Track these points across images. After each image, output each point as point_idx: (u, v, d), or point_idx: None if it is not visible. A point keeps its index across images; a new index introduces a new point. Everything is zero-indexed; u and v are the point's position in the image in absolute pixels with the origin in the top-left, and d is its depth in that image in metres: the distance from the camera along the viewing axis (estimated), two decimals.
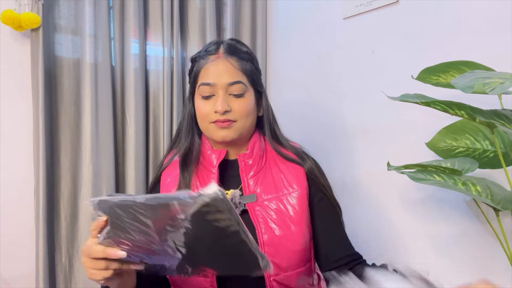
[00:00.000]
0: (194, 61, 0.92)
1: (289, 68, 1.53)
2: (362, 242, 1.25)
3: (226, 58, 0.87)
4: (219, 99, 0.85)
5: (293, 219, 0.86)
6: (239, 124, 0.87)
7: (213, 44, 0.91)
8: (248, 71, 0.89)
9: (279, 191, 0.88)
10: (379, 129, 1.20)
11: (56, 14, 1.25)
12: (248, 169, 0.90)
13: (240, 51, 0.89)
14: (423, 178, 0.78)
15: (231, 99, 0.86)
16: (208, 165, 0.90)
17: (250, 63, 0.90)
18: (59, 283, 1.25)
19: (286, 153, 0.94)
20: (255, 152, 0.91)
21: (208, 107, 0.86)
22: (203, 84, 0.86)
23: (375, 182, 1.22)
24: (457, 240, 1.02)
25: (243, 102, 0.87)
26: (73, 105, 1.28)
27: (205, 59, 0.88)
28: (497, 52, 0.92)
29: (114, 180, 1.31)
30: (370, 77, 1.23)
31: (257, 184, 0.89)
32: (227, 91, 0.86)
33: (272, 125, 0.95)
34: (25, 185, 1.23)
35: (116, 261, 0.63)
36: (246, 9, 1.60)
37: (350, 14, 1.28)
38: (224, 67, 0.86)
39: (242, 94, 0.87)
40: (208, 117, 0.87)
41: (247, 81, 0.88)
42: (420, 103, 0.70)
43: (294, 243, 0.84)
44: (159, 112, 1.42)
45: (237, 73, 0.87)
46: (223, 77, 0.85)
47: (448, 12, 1.03)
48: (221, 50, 0.88)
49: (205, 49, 0.91)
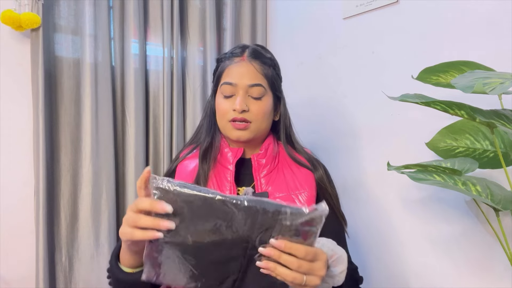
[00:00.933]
0: (219, 61, 0.97)
1: (289, 68, 1.53)
2: (362, 242, 1.25)
3: (250, 61, 0.92)
4: (238, 98, 0.89)
5: None
6: (255, 126, 0.91)
7: (240, 47, 0.96)
8: (269, 76, 0.93)
9: (290, 190, 0.92)
10: (379, 129, 1.20)
11: (56, 14, 1.25)
12: (261, 168, 0.94)
13: (264, 56, 0.94)
14: (423, 178, 0.78)
15: (249, 100, 0.91)
16: (225, 162, 0.94)
17: (272, 69, 0.94)
18: (59, 283, 1.25)
19: (299, 158, 0.97)
20: (269, 153, 0.95)
21: (228, 105, 0.91)
22: (225, 83, 0.91)
23: (375, 182, 1.22)
24: (457, 240, 1.02)
25: (261, 105, 0.91)
26: (73, 105, 1.28)
27: (230, 60, 0.93)
28: (497, 52, 0.92)
29: (114, 180, 1.31)
30: (370, 77, 1.23)
31: (269, 183, 0.93)
32: (247, 92, 0.91)
33: (288, 130, 0.99)
34: (25, 185, 1.24)
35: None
36: (246, 9, 1.60)
37: (350, 14, 1.28)
38: (246, 69, 0.91)
39: (261, 97, 0.91)
40: (226, 114, 0.91)
41: (267, 85, 0.93)
42: (420, 103, 0.70)
43: None
44: (159, 112, 1.42)
45: (258, 76, 0.91)
46: (244, 78, 0.90)
47: (448, 12, 1.03)
48: (246, 54, 0.93)
49: (231, 51, 0.96)
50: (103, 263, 1.27)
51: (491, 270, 0.96)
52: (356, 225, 1.25)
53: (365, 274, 1.06)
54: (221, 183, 0.91)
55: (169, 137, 1.40)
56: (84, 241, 1.27)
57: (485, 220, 0.92)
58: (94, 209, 1.27)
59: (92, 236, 1.27)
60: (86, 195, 1.27)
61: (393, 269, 1.16)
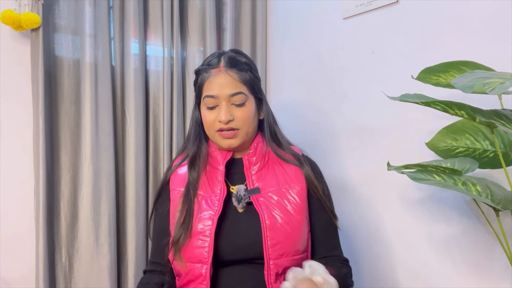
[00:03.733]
0: (198, 74, 1.01)
1: (289, 68, 1.53)
2: (362, 242, 1.25)
3: (227, 71, 0.95)
4: (222, 110, 0.94)
5: (294, 208, 0.94)
6: (243, 132, 0.97)
7: (215, 57, 0.99)
8: (247, 81, 0.97)
9: (281, 185, 0.97)
10: (379, 129, 1.20)
11: (56, 14, 1.25)
12: (252, 165, 0.99)
13: (240, 62, 0.98)
14: (423, 178, 0.78)
15: (233, 109, 0.95)
16: (215, 163, 1.00)
17: (249, 73, 0.98)
18: (59, 283, 1.25)
19: (285, 155, 1.01)
20: (258, 151, 1.01)
21: (213, 116, 0.96)
22: (207, 96, 0.96)
23: (375, 182, 1.22)
24: (457, 240, 1.02)
25: (245, 111, 0.96)
26: (73, 105, 1.28)
27: (208, 72, 0.97)
28: (497, 52, 0.92)
29: (114, 180, 1.31)
30: (370, 77, 1.23)
31: (260, 179, 0.98)
32: (229, 101, 0.95)
33: (272, 127, 1.04)
34: (25, 185, 1.23)
35: None
36: (246, 9, 1.60)
37: (350, 14, 1.28)
38: (225, 80, 0.95)
39: (243, 103, 0.96)
40: (213, 125, 0.96)
41: (247, 90, 0.97)
42: (420, 103, 0.70)
43: (294, 229, 0.92)
44: (159, 112, 1.42)
45: (237, 85, 0.95)
46: (225, 89, 0.94)
47: (448, 12, 1.03)
48: (222, 64, 0.97)
49: (207, 63, 0.99)
50: (103, 263, 1.27)
51: (491, 270, 0.96)
52: (356, 225, 1.25)
53: (365, 274, 1.07)
54: (213, 184, 0.97)
55: (169, 137, 1.40)
56: (84, 241, 1.27)
57: (485, 220, 0.92)
58: (94, 209, 1.27)
59: (92, 236, 1.27)
60: (86, 195, 1.27)
61: (393, 269, 1.16)
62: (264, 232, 0.90)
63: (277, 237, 0.90)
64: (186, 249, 0.90)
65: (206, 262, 0.88)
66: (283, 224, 0.91)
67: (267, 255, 0.89)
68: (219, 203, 0.93)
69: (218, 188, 0.96)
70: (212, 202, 0.94)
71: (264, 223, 0.90)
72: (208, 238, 0.89)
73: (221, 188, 0.95)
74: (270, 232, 0.90)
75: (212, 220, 0.91)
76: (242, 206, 0.95)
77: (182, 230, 0.91)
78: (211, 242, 0.89)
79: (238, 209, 0.96)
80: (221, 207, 0.92)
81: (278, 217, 0.92)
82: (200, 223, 0.91)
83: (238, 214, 0.96)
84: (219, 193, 0.95)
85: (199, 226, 0.91)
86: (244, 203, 0.95)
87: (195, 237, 0.90)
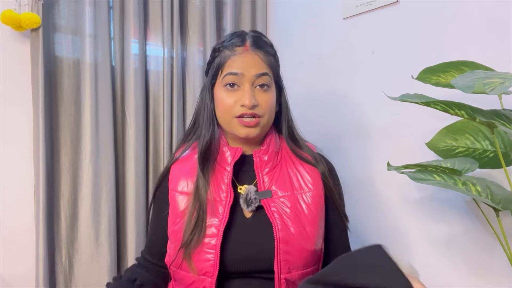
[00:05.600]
0: (217, 51, 0.90)
1: (289, 68, 1.53)
2: (362, 242, 1.25)
3: (254, 51, 0.86)
4: (246, 93, 0.83)
5: (308, 218, 0.85)
6: (264, 120, 0.86)
7: (238, 35, 0.89)
8: (273, 65, 0.89)
9: (295, 189, 0.88)
10: (379, 129, 1.20)
11: (56, 14, 1.25)
12: (263, 165, 0.89)
13: (266, 44, 0.89)
14: (423, 178, 0.78)
15: (257, 93, 0.85)
16: (223, 162, 0.89)
17: (273, 58, 0.90)
18: (59, 283, 1.25)
19: (302, 153, 0.93)
20: (271, 148, 0.90)
21: (233, 99, 0.84)
22: (230, 73, 0.85)
23: (375, 182, 1.22)
24: (457, 240, 1.02)
25: (269, 97, 0.86)
26: (73, 105, 1.28)
27: (232, 51, 0.86)
28: (497, 52, 0.92)
29: (114, 180, 1.31)
30: (370, 77, 1.23)
31: (272, 181, 0.88)
32: (253, 84, 0.85)
33: (290, 123, 0.94)
34: (25, 185, 1.24)
35: None
36: (246, 9, 1.60)
37: (350, 14, 1.28)
38: (252, 60, 0.85)
39: (269, 86, 0.86)
40: (232, 110, 0.85)
41: (272, 75, 0.88)
42: (420, 103, 0.70)
43: (308, 242, 0.84)
44: (159, 112, 1.42)
45: (264, 66, 0.86)
46: (251, 68, 0.84)
47: (448, 12, 1.03)
48: (248, 43, 0.87)
49: (230, 40, 0.88)
50: (103, 263, 1.27)
51: (491, 270, 0.96)
52: (355, 225, 1.25)
53: None
54: (218, 186, 0.86)
55: (169, 137, 1.40)
56: (84, 241, 1.27)
57: (485, 220, 0.92)
58: (94, 209, 1.27)
59: (92, 236, 1.27)
60: (86, 195, 1.27)
61: None
62: (277, 245, 0.80)
63: (290, 251, 0.81)
64: (192, 258, 0.83)
65: (211, 276, 0.80)
66: (296, 236, 0.82)
67: (279, 269, 0.80)
68: (225, 210, 0.83)
69: (224, 192, 0.85)
70: (217, 209, 0.84)
71: (277, 235, 0.81)
72: (213, 250, 0.80)
73: (227, 192, 0.85)
74: (283, 245, 0.81)
75: (218, 230, 0.82)
76: (251, 210, 0.86)
77: (194, 233, 0.82)
78: (217, 255, 0.80)
79: (246, 213, 0.87)
80: (227, 215, 0.83)
81: (292, 227, 0.83)
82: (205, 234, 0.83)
83: (246, 221, 0.86)
84: (225, 198, 0.85)
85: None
86: (253, 207, 0.85)
87: (200, 249, 0.82)
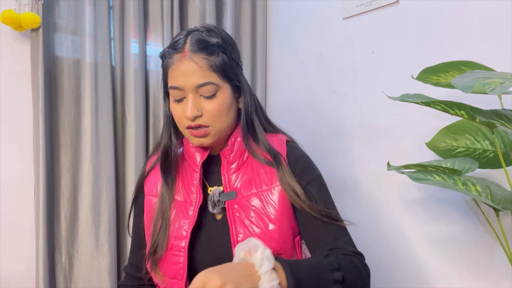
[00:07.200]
0: (163, 57, 0.85)
1: (289, 68, 1.53)
2: (362, 242, 1.25)
3: (192, 58, 0.78)
4: (188, 105, 0.79)
5: (272, 218, 0.81)
6: (215, 129, 0.82)
7: (177, 40, 0.82)
8: (218, 67, 0.79)
9: (259, 187, 0.84)
10: (379, 129, 1.20)
11: (56, 14, 1.25)
12: (229, 165, 0.87)
13: (209, 44, 0.80)
14: (423, 178, 0.78)
15: (202, 101, 0.80)
16: (192, 163, 0.88)
17: (222, 56, 0.80)
18: (59, 283, 1.25)
19: (257, 150, 0.86)
20: (236, 147, 0.86)
21: (180, 110, 0.81)
22: (172, 87, 0.81)
23: (375, 182, 1.22)
24: (457, 240, 1.02)
25: (215, 103, 0.80)
26: (73, 105, 1.28)
27: (171, 58, 0.81)
28: (497, 52, 0.92)
29: (114, 180, 1.31)
30: (370, 77, 1.23)
31: (237, 180, 0.86)
32: (197, 93, 0.80)
33: (249, 118, 0.87)
34: (25, 185, 1.23)
35: None
36: (246, 9, 1.60)
37: (350, 14, 1.28)
38: (190, 69, 0.78)
39: (214, 94, 0.80)
40: (181, 121, 0.82)
41: (219, 78, 0.80)
42: (420, 103, 0.70)
43: (272, 241, 0.79)
44: (159, 112, 1.42)
45: (205, 73, 0.78)
46: (189, 79, 0.78)
47: (448, 12, 1.03)
48: (187, 47, 0.79)
49: (172, 44, 0.83)
50: (103, 263, 1.27)
51: (491, 270, 0.96)
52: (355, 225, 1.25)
53: None
54: (188, 188, 0.86)
55: None
56: (84, 241, 1.27)
57: (485, 220, 0.92)
58: (94, 209, 1.27)
59: (92, 236, 1.27)
60: (86, 195, 1.27)
61: (393, 269, 1.16)
62: (234, 247, 0.79)
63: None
64: (162, 263, 0.83)
65: (181, 278, 0.80)
66: (259, 236, 0.79)
67: None
68: (193, 212, 0.83)
69: (193, 194, 0.85)
70: (186, 211, 0.84)
71: (235, 239, 0.79)
72: (181, 252, 0.80)
73: (197, 193, 0.84)
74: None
75: (186, 231, 0.81)
76: (218, 212, 0.85)
77: (158, 241, 0.82)
78: (185, 258, 0.80)
79: (216, 215, 0.86)
80: (195, 216, 0.82)
81: (253, 227, 0.80)
82: (174, 236, 0.82)
83: (215, 223, 0.85)
84: (195, 199, 0.84)
85: (172, 240, 0.83)
86: (219, 209, 0.84)
87: (169, 252, 0.82)
